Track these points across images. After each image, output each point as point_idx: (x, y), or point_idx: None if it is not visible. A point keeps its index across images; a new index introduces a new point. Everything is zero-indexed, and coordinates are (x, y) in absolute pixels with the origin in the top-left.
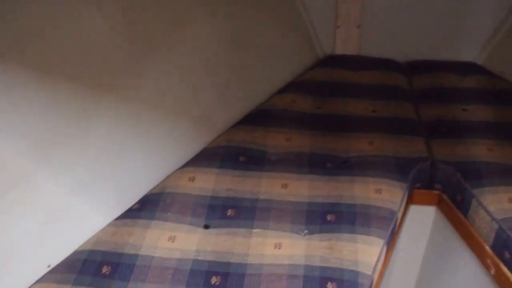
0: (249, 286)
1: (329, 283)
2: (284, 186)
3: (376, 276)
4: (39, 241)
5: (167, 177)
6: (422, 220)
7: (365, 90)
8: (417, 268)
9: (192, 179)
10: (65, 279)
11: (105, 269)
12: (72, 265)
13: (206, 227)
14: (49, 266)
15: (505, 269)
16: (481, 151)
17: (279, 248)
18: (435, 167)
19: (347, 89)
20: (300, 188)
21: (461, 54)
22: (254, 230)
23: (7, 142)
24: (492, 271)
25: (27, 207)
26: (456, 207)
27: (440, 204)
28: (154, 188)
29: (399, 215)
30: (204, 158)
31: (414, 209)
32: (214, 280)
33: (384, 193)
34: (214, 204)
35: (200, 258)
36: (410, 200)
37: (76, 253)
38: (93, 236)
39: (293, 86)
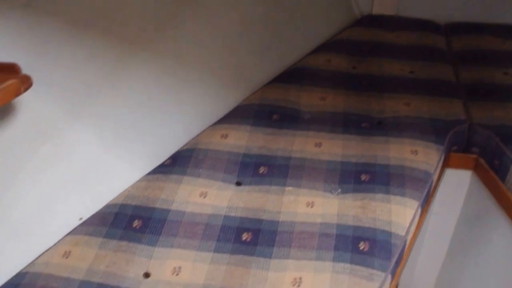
0: (280, 243)
1: (361, 243)
2: (318, 145)
3: (409, 238)
4: (71, 194)
5: (200, 134)
6: (458, 185)
7: (402, 51)
8: (450, 234)
9: (224, 136)
10: (97, 231)
11: (136, 223)
12: (103, 218)
13: (238, 184)
14: (80, 219)
15: None
16: None
17: (312, 207)
18: (473, 130)
19: (384, 50)
20: (334, 148)
21: (503, 16)
22: (287, 188)
23: (41, 94)
24: None
25: (60, 160)
26: (494, 172)
27: (476, 169)
28: (187, 144)
29: (435, 178)
30: (237, 116)
31: (449, 173)
32: (245, 236)
33: (419, 155)
34: (246, 162)
35: (231, 214)
36: (446, 164)
37: (107, 207)
38: (124, 190)
39: (329, 46)
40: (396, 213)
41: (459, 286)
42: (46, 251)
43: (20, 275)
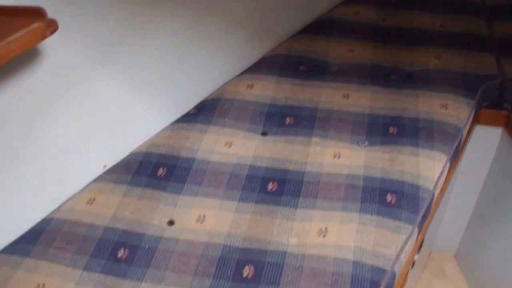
0: (306, 194)
1: (388, 195)
2: (345, 96)
3: (437, 192)
4: (95, 142)
5: (225, 84)
6: (487, 141)
7: (433, 4)
8: (478, 192)
9: (250, 86)
10: (121, 179)
11: (161, 171)
12: (128, 166)
13: (264, 134)
14: (105, 166)
15: None
16: None
17: (338, 158)
18: (505, 86)
19: (414, 2)
20: (362, 100)
21: None
22: (313, 139)
23: (66, 40)
24: None
25: (85, 107)
26: None
27: (507, 125)
28: (212, 94)
29: (464, 133)
30: (263, 66)
31: (479, 129)
32: (270, 186)
33: (450, 109)
34: (272, 112)
35: (257, 164)
36: (476, 120)
37: (132, 155)
38: (149, 139)
39: None
40: (424, 166)
41: (485, 245)
42: (71, 198)
43: (46, 221)
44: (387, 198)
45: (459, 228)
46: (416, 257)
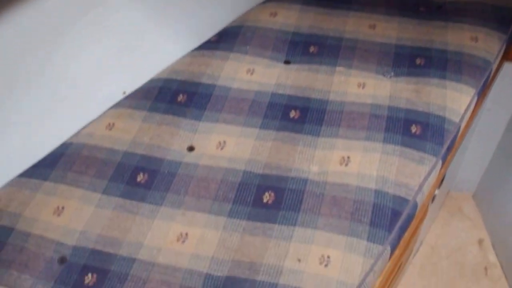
0: (329, 122)
1: (413, 126)
2: (372, 26)
3: (463, 125)
4: (115, 68)
5: (248, 11)
6: None
7: None
8: (501, 131)
9: (273, 14)
10: (141, 105)
11: (181, 97)
12: (147, 92)
13: (287, 62)
14: (124, 93)
15: None
16: None
17: (363, 88)
18: None
19: None
20: (389, 30)
21: None
22: (337, 68)
23: None
24: None
25: (104, 32)
26: None
27: None
28: (234, 21)
29: (494, 67)
30: None
31: (508, 67)
32: (293, 113)
33: (480, 42)
34: (296, 40)
35: (279, 91)
36: (506, 56)
37: (151, 81)
38: (169, 66)
39: None
40: (451, 98)
41: (505, 187)
42: (90, 123)
43: (65, 145)
44: (411, 129)
45: (479, 168)
46: (436, 191)
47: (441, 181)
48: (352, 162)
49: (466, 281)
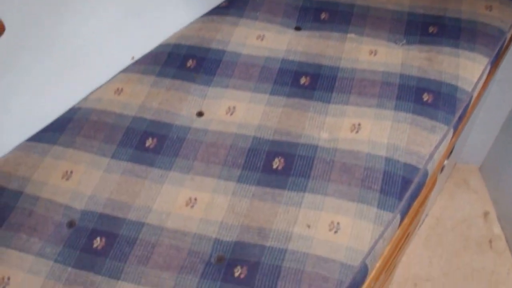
0: (340, 89)
1: (425, 94)
2: None
3: (475, 95)
4: (123, 32)
5: None
6: None
7: None
8: (511, 102)
9: None
10: (149, 70)
11: (190, 63)
12: (156, 58)
13: (298, 29)
14: (133, 58)
15: None
16: None
17: (375, 55)
18: None
19: None
20: None
21: None
22: (349, 35)
23: None
24: None
25: None
26: None
27: None
28: None
29: (508, 36)
30: None
31: None
32: (303, 80)
33: (494, 11)
34: (306, 6)
35: (289, 58)
36: None
37: (160, 46)
38: (178, 31)
39: None
40: (464, 67)
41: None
42: (98, 88)
43: (73, 110)
44: (423, 97)
45: (487, 140)
46: (445, 162)
47: (450, 151)
48: (363, 129)
49: (471, 253)
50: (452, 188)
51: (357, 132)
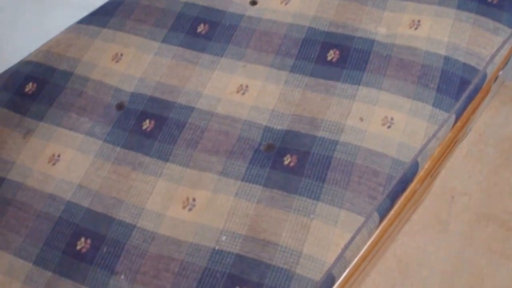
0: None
1: None
2: None
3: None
4: None
5: None
6: None
7: None
8: None
9: None
10: None
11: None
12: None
13: None
14: None
15: None
16: None
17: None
18: None
19: None
20: None
21: None
22: None
23: None
24: None
25: None
26: None
27: None
28: None
29: None
30: None
31: None
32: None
33: None
34: None
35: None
36: None
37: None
38: None
39: None
40: None
41: None
42: None
43: None
44: None
45: None
46: (500, 72)
47: (507, 60)
48: (423, 26)
49: (510, 171)
50: (498, 105)
51: (416, 28)
